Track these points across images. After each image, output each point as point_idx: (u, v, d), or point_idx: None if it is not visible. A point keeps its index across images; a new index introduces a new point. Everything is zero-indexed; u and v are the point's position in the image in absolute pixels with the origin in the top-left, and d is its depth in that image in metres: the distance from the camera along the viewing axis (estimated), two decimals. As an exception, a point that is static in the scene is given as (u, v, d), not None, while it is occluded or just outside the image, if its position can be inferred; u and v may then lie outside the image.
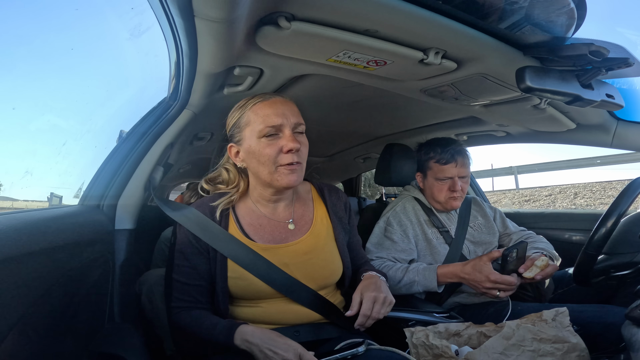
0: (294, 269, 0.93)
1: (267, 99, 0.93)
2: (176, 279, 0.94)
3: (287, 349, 0.80)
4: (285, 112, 0.90)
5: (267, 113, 0.90)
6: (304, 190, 1.07)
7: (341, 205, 1.07)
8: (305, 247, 0.96)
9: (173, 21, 0.78)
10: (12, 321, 0.62)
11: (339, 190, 1.10)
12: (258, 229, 0.97)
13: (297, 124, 0.91)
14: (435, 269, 1.24)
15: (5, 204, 2.00)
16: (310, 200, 1.05)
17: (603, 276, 1.02)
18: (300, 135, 0.93)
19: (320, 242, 0.99)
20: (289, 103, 0.94)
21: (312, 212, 1.03)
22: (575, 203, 8.27)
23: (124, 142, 1.25)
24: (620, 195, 0.96)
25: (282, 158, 0.89)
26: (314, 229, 1.00)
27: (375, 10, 0.73)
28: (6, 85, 4.25)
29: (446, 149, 1.38)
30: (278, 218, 0.99)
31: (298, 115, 0.92)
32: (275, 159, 0.89)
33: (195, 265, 0.94)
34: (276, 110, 0.90)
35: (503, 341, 0.78)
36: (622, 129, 1.35)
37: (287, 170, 0.89)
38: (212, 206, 0.97)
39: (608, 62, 0.81)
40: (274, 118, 0.89)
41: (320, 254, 0.97)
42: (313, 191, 1.08)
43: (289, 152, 0.88)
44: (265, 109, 0.91)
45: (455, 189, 1.37)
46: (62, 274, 0.79)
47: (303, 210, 1.02)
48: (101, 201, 1.16)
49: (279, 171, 0.90)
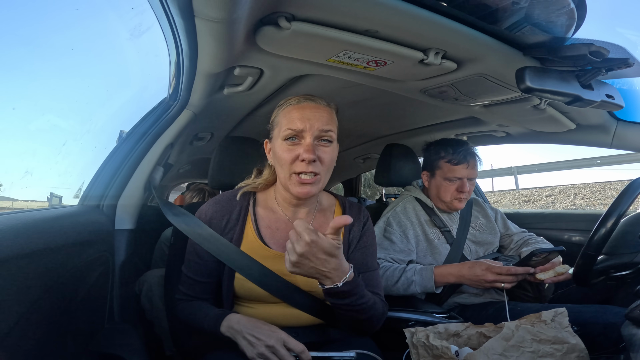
0: (300, 281, 0.91)
1: (300, 103, 0.90)
2: (185, 273, 0.95)
3: (270, 335, 0.79)
4: (311, 117, 0.86)
5: (293, 116, 0.88)
6: (328, 203, 1.04)
7: (360, 225, 1.02)
8: None
9: (173, 21, 0.78)
10: (12, 321, 0.62)
11: (361, 209, 1.06)
12: (275, 233, 0.96)
13: (323, 131, 0.87)
14: (432, 269, 1.24)
15: (5, 204, 2.00)
16: (332, 214, 1.02)
17: (603, 276, 1.02)
18: (326, 145, 0.88)
19: None
20: (322, 109, 0.90)
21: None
22: (575, 203, 8.27)
23: (124, 142, 1.25)
24: (620, 196, 0.96)
25: (296, 165, 0.87)
26: None
27: (376, 11, 0.73)
28: (6, 85, 4.25)
29: (458, 150, 1.39)
30: None
31: (328, 122, 0.88)
32: (291, 165, 0.87)
33: (206, 262, 0.94)
34: (302, 115, 0.87)
35: (503, 342, 0.78)
36: (622, 129, 1.35)
37: (298, 181, 0.87)
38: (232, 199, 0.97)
39: (608, 63, 0.81)
40: (297, 122, 0.86)
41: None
42: (337, 207, 1.04)
43: (303, 161, 0.85)
44: (293, 112, 0.89)
45: (463, 189, 1.38)
46: (62, 274, 0.79)
47: (322, 222, 0.99)
48: (101, 201, 1.16)
49: (292, 179, 0.88)
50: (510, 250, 1.51)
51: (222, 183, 1.25)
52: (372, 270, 1.02)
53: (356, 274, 0.84)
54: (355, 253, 1.01)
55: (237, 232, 0.94)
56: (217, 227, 0.95)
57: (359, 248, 1.02)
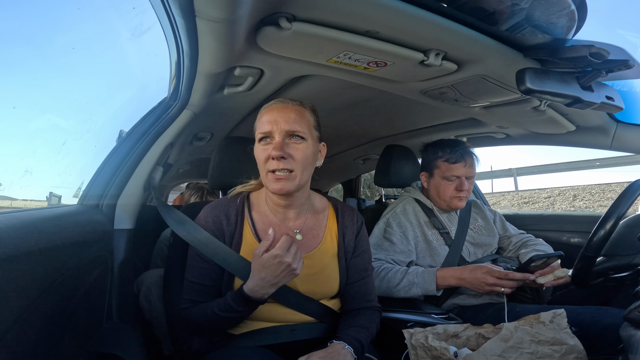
0: (297, 281, 0.94)
1: (270, 105, 0.95)
2: (190, 280, 0.96)
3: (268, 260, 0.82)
4: (278, 119, 0.90)
5: (263, 120, 0.93)
6: (321, 205, 1.07)
7: (352, 225, 1.06)
8: (312, 263, 0.97)
9: (174, 21, 0.78)
10: (10, 321, 0.62)
11: (355, 213, 1.09)
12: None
13: (290, 131, 0.90)
14: (434, 272, 1.24)
15: (4, 203, 1.99)
16: (325, 218, 1.05)
17: (601, 278, 1.02)
18: (297, 142, 0.91)
19: (325, 259, 1.00)
20: (289, 109, 0.93)
21: (324, 228, 1.03)
22: (574, 205, 8.28)
23: (124, 142, 1.25)
24: (619, 198, 0.96)
25: (270, 164, 0.90)
26: (323, 246, 1.00)
27: (376, 12, 0.73)
28: (6, 84, 4.25)
29: (455, 149, 1.40)
30: (287, 225, 1.00)
31: (294, 122, 0.90)
32: (265, 164, 0.91)
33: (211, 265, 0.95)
34: (269, 117, 0.91)
35: (501, 343, 0.78)
36: (622, 131, 1.35)
37: (274, 177, 0.91)
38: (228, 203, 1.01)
39: (608, 64, 0.81)
40: (265, 125, 0.91)
41: (324, 272, 0.99)
42: (330, 210, 1.07)
43: (274, 159, 0.89)
44: (264, 115, 0.93)
45: (462, 188, 1.38)
46: (61, 274, 0.78)
47: (313, 224, 1.02)
48: (100, 201, 1.16)
49: (268, 176, 0.92)
50: (508, 252, 1.52)
51: (221, 183, 1.25)
52: (369, 276, 1.06)
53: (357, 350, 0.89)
54: (356, 259, 1.04)
55: (236, 237, 0.97)
56: (218, 231, 0.97)
57: (358, 254, 1.05)
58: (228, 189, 1.31)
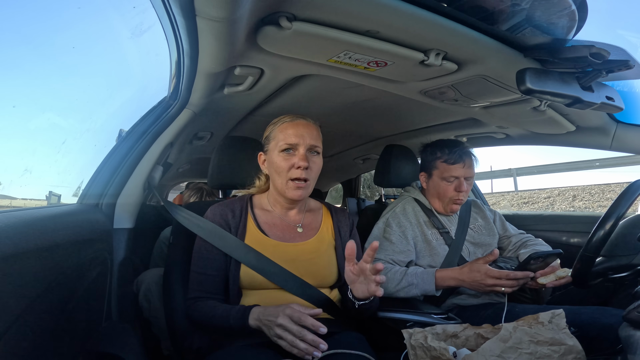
0: (299, 265, 1.04)
1: (293, 120, 1.05)
2: (195, 271, 1.03)
3: (277, 314, 0.86)
4: (304, 134, 1.02)
5: (289, 132, 1.02)
6: (316, 206, 1.20)
7: (346, 222, 1.18)
8: (311, 247, 1.08)
9: (174, 20, 0.78)
10: (9, 320, 0.62)
11: (346, 213, 1.22)
12: (272, 227, 1.09)
13: (313, 146, 1.03)
14: (433, 273, 1.24)
15: (4, 202, 1.99)
16: (320, 215, 1.18)
17: (601, 278, 1.02)
18: (314, 156, 1.04)
19: (323, 246, 1.10)
20: (311, 126, 1.05)
21: (320, 223, 1.15)
22: (573, 205, 8.28)
23: (124, 141, 1.25)
24: (618, 198, 0.96)
25: (292, 172, 1.01)
26: (320, 235, 1.12)
27: (377, 11, 0.73)
28: (6, 84, 4.24)
29: (454, 150, 1.39)
30: (289, 221, 1.11)
31: (316, 139, 1.04)
32: (287, 173, 1.02)
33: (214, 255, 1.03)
34: (296, 131, 1.02)
35: (500, 344, 0.78)
36: (622, 131, 1.35)
37: (295, 185, 1.02)
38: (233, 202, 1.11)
39: (608, 65, 0.81)
40: (293, 137, 1.02)
41: (323, 256, 1.09)
42: (324, 209, 1.20)
43: (299, 168, 1.00)
44: (288, 128, 1.03)
45: (461, 189, 1.38)
46: (60, 273, 0.78)
47: (311, 220, 1.15)
48: (100, 200, 1.16)
49: (288, 184, 1.03)
50: (508, 251, 1.52)
51: (221, 183, 1.25)
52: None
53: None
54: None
55: (240, 228, 1.06)
56: (224, 223, 1.06)
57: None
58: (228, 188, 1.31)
